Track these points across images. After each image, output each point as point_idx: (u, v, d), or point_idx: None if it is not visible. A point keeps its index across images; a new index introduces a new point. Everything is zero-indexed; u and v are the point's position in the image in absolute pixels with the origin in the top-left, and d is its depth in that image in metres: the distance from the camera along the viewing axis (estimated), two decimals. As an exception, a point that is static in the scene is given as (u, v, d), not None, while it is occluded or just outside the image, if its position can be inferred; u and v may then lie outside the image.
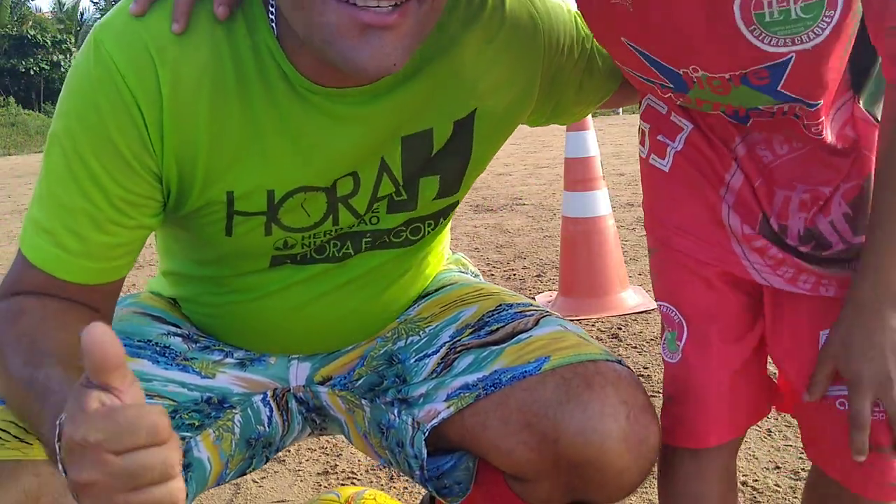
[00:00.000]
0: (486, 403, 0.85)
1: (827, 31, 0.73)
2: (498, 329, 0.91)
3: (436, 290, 1.03)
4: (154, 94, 0.76)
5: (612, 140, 8.61)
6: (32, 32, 29.05)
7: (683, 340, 0.93)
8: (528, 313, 0.93)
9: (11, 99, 24.40)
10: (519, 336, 0.89)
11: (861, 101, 0.85)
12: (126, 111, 0.75)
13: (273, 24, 0.78)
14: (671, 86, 0.85)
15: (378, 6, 0.68)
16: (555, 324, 0.91)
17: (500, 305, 0.95)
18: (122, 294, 0.89)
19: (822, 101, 0.81)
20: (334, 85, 0.80)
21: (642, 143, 0.98)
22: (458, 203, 0.96)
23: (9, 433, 0.72)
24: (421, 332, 0.96)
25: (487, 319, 0.93)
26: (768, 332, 0.93)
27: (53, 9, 34.34)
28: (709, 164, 0.91)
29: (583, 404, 0.80)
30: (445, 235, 1.07)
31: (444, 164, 0.90)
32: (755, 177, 0.89)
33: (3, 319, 0.76)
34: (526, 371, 0.84)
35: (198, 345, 0.96)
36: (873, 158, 0.83)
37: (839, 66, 0.80)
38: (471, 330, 0.93)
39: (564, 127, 2.57)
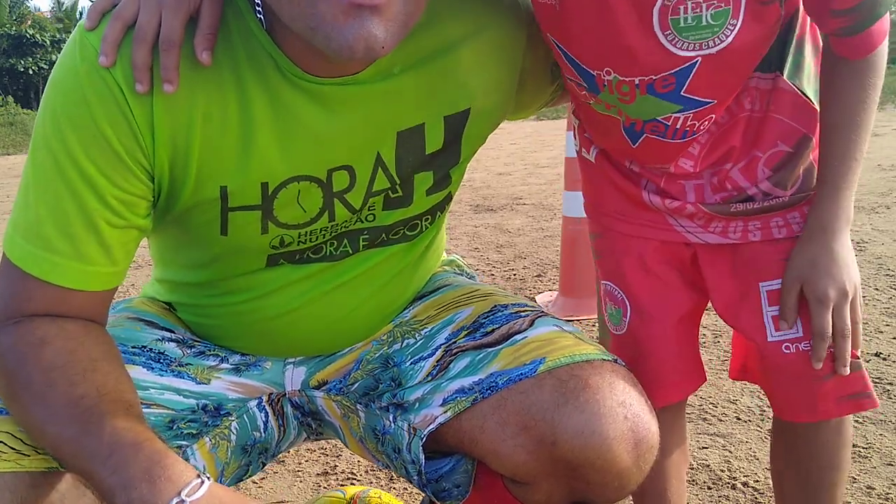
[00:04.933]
0: (483, 407, 0.84)
1: (730, 37, 0.83)
2: (493, 330, 0.90)
3: (431, 292, 1.02)
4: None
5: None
6: (31, 32, 29.01)
7: (628, 316, 1.04)
8: (523, 314, 0.92)
9: (10, 98, 24.37)
10: (514, 337, 0.88)
11: (785, 74, 0.93)
12: (116, 105, 0.74)
13: (261, 17, 0.77)
14: (585, 85, 0.92)
15: None
16: (550, 324, 0.90)
17: (495, 307, 0.94)
18: (116, 298, 0.89)
19: (715, 101, 0.89)
20: (326, 74, 0.79)
21: (575, 136, 1.08)
22: (451, 197, 0.96)
23: (5, 444, 0.71)
24: (416, 335, 0.96)
25: (482, 321, 0.92)
26: (714, 295, 1.02)
27: (52, 8, 34.33)
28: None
29: (580, 406, 0.79)
30: (441, 233, 1.06)
31: (437, 161, 0.90)
32: (657, 179, 0.99)
33: (24, 350, 0.74)
34: (522, 373, 0.83)
35: (192, 350, 0.95)
36: (789, 123, 0.93)
37: (743, 72, 0.89)
38: (466, 332, 0.92)
39: (564, 126, 2.56)
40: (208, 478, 0.67)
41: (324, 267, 0.91)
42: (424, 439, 0.87)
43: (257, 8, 0.77)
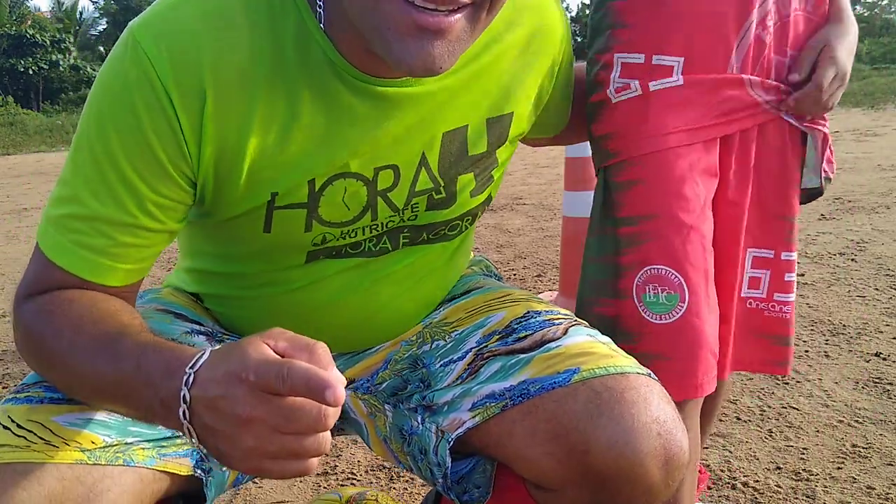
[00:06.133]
0: (513, 413, 0.84)
1: None
2: (526, 337, 0.89)
3: (462, 294, 1.02)
4: (194, 99, 0.74)
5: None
6: (31, 32, 29.06)
7: (687, 301, 1.01)
8: (557, 321, 0.91)
9: (10, 98, 24.39)
10: (548, 345, 0.87)
11: None
12: (163, 115, 0.73)
13: (321, 10, 0.76)
14: None
15: (437, 9, 0.67)
16: (584, 333, 0.89)
17: (528, 312, 0.93)
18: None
19: None
20: (383, 74, 0.79)
21: (626, 88, 1.03)
22: (491, 198, 0.96)
23: (35, 434, 0.72)
24: (447, 337, 0.95)
25: (515, 326, 0.92)
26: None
27: (52, 8, 34.37)
28: (713, 58, 1.04)
29: (615, 419, 0.78)
30: (472, 230, 1.06)
31: (480, 164, 0.91)
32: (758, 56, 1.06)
33: (51, 308, 0.75)
34: (555, 382, 0.82)
35: (221, 345, 0.95)
36: None
37: None
38: (498, 336, 0.91)
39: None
40: (212, 344, 0.66)
41: (361, 262, 0.91)
42: (452, 443, 0.87)
43: (318, 6, 0.76)
